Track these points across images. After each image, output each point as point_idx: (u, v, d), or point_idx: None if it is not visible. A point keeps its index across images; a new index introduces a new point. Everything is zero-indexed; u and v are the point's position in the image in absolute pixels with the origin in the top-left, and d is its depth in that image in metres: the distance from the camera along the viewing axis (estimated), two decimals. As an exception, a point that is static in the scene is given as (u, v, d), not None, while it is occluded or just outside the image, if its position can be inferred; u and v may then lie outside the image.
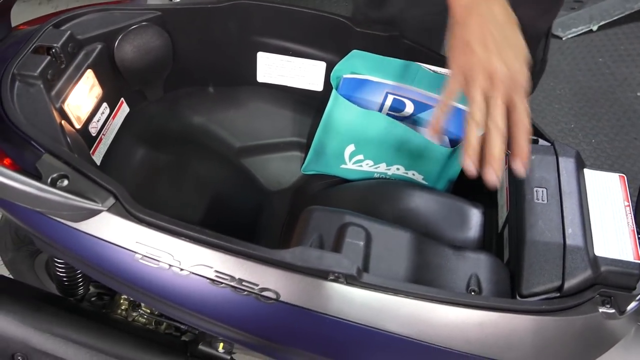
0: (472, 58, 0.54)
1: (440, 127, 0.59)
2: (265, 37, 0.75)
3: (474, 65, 0.54)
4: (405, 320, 0.49)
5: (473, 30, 0.55)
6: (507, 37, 0.54)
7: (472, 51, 0.54)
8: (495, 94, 0.53)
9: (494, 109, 0.53)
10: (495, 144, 0.52)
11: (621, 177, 0.60)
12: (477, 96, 0.54)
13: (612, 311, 0.51)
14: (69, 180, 0.50)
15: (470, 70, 0.54)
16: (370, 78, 0.73)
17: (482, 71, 0.53)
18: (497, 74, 0.52)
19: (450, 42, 0.58)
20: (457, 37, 0.56)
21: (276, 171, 0.83)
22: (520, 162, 0.53)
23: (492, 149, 0.52)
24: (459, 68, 0.56)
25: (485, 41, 0.54)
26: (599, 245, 0.54)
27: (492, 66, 0.53)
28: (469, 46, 0.54)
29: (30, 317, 0.66)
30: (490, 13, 0.54)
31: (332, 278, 0.48)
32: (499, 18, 0.55)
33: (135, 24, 0.67)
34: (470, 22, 0.55)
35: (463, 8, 0.56)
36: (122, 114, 0.72)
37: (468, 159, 0.53)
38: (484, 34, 0.54)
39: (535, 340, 0.50)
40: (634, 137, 1.58)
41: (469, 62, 0.54)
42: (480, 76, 0.53)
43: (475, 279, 0.56)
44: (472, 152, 0.53)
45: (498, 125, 0.52)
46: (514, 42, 0.54)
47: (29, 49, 0.59)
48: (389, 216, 0.64)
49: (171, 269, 0.49)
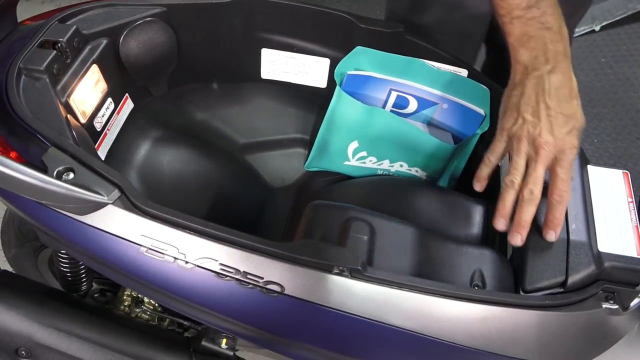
0: (521, 124, 0.54)
1: (485, 183, 0.60)
2: (270, 34, 0.75)
3: (522, 132, 0.54)
4: (409, 314, 0.49)
5: (527, 96, 0.54)
6: (561, 107, 0.53)
7: (522, 117, 0.54)
8: (537, 163, 0.53)
9: (533, 177, 0.54)
10: (527, 211, 0.54)
11: (624, 174, 0.61)
12: (520, 161, 0.54)
13: (615, 307, 0.51)
14: (75, 174, 0.50)
15: (517, 135, 0.55)
16: (374, 75, 0.73)
17: (528, 138, 0.54)
18: (542, 145, 0.53)
19: (503, 101, 0.58)
20: (511, 99, 0.56)
21: (280, 168, 0.83)
22: (552, 232, 0.53)
23: (522, 215, 0.54)
24: (507, 130, 0.56)
25: (538, 109, 0.53)
26: (602, 241, 0.54)
27: (539, 136, 0.53)
28: (520, 111, 0.55)
29: (34, 312, 0.66)
30: (549, 80, 0.54)
31: (336, 271, 0.48)
32: (557, 86, 0.54)
33: (141, 20, 0.67)
34: (526, 86, 0.55)
35: (523, 68, 0.55)
36: (127, 110, 0.72)
37: (501, 219, 0.56)
38: (538, 101, 0.54)
39: (539, 335, 0.50)
40: (636, 136, 1.58)
41: (517, 126, 0.55)
42: (525, 143, 0.54)
43: (479, 274, 0.56)
44: (505, 213, 0.55)
45: (533, 193, 0.53)
46: (568, 113, 0.54)
47: (34, 44, 0.59)
48: (392, 213, 0.64)
49: (176, 262, 0.49)
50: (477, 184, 0.60)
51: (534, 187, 0.53)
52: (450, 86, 0.72)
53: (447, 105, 0.74)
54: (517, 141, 0.55)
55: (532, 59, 0.54)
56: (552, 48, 0.54)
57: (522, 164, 0.54)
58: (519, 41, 0.55)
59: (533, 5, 0.54)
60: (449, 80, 0.72)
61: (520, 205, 0.54)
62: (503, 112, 0.57)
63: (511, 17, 0.55)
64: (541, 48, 0.54)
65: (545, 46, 0.54)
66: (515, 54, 0.56)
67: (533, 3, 0.54)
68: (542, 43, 0.54)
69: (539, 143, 0.53)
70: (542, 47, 0.54)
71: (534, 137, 0.53)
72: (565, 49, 0.54)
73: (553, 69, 0.54)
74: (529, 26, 0.54)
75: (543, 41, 0.54)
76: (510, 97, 0.56)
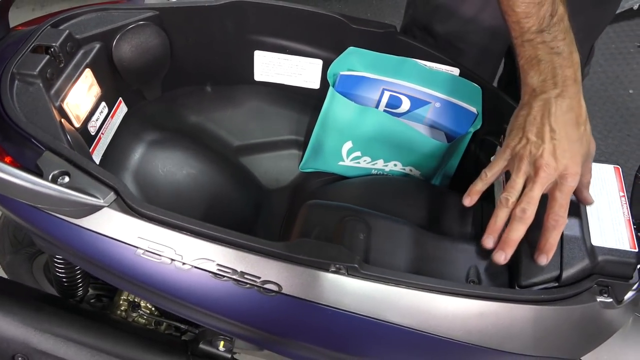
0: (525, 144, 0.54)
1: (476, 198, 0.59)
2: (262, 36, 0.76)
3: (524, 151, 0.54)
4: (406, 311, 0.49)
5: (533, 117, 0.54)
6: (567, 132, 0.53)
7: (527, 137, 0.54)
8: (535, 184, 0.53)
9: (528, 197, 0.53)
10: (516, 229, 0.53)
11: (616, 169, 0.61)
12: (518, 180, 0.54)
13: (609, 300, 0.52)
14: (70, 177, 0.50)
15: (519, 154, 0.54)
16: (367, 75, 0.73)
17: (530, 158, 0.53)
18: (543, 166, 0.52)
19: (511, 121, 0.58)
20: (518, 118, 0.56)
21: (274, 169, 0.83)
22: (544, 256, 0.53)
23: (511, 233, 0.53)
24: (510, 148, 0.56)
25: (542, 131, 0.53)
26: (595, 235, 0.54)
27: (540, 157, 0.53)
28: (525, 131, 0.54)
29: (31, 318, 0.65)
30: (555, 103, 0.53)
31: (333, 269, 0.49)
32: (564, 110, 0.53)
33: (133, 23, 0.67)
34: (533, 107, 0.54)
35: (531, 90, 0.55)
36: (121, 113, 0.72)
37: (490, 236, 0.55)
38: (543, 123, 0.53)
39: (535, 330, 0.50)
40: (627, 134, 1.60)
41: (520, 146, 0.54)
42: (526, 162, 0.54)
43: (474, 271, 0.56)
44: (495, 230, 0.55)
45: (526, 213, 0.53)
46: (573, 138, 0.53)
47: (27, 48, 0.59)
48: (387, 212, 0.64)
49: (173, 263, 0.49)
50: (467, 199, 0.59)
51: (528, 206, 0.53)
52: (442, 85, 0.73)
53: (439, 104, 0.74)
54: (518, 160, 0.54)
55: (541, 82, 0.54)
56: (561, 73, 0.54)
57: (519, 182, 0.54)
58: (529, 64, 0.55)
59: (545, 29, 0.54)
60: (441, 79, 0.73)
61: (511, 223, 0.54)
62: (509, 131, 0.57)
63: (522, 39, 0.55)
64: (550, 72, 0.54)
65: (555, 70, 0.54)
66: (525, 76, 0.56)
67: (545, 27, 0.54)
68: (551, 67, 0.54)
69: (540, 164, 0.52)
70: (551, 71, 0.54)
71: (535, 158, 0.53)
72: (575, 74, 0.54)
73: (561, 93, 0.53)
74: (539, 50, 0.54)
75: (552, 65, 0.54)
76: (518, 117, 0.56)
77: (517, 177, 0.54)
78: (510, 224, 0.54)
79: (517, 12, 0.55)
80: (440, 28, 0.86)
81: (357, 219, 0.58)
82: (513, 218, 0.54)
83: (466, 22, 0.83)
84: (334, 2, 2.12)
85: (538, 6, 0.54)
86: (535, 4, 0.54)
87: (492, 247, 0.55)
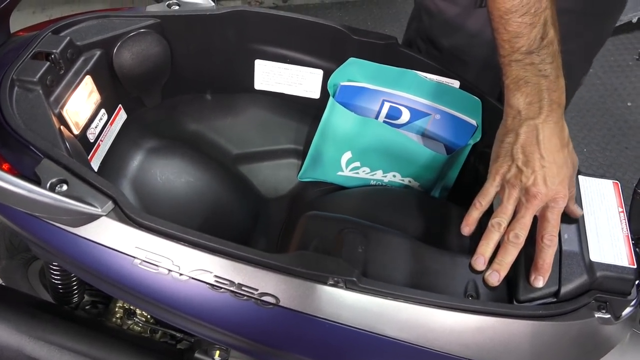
0: (515, 172, 0.55)
1: (474, 227, 0.60)
2: (263, 45, 0.76)
3: (515, 180, 0.55)
4: (404, 325, 0.49)
5: (521, 145, 0.55)
6: (554, 157, 0.54)
7: (517, 165, 0.55)
8: (527, 210, 0.54)
9: (520, 223, 0.54)
10: (510, 253, 0.55)
11: (615, 184, 0.61)
12: (509, 207, 0.55)
13: (607, 316, 0.52)
14: (68, 185, 0.50)
15: (511, 182, 0.55)
16: (367, 86, 0.74)
17: (521, 187, 0.55)
18: (535, 194, 0.54)
19: (495, 144, 0.58)
20: (504, 145, 0.57)
21: (273, 178, 0.83)
22: (540, 278, 0.53)
23: (505, 257, 0.55)
24: (500, 176, 0.57)
25: (532, 160, 0.54)
26: (594, 250, 0.54)
27: (532, 186, 0.54)
28: (514, 159, 0.55)
29: (25, 325, 0.65)
30: (542, 130, 0.54)
31: (331, 283, 0.48)
32: (549, 136, 0.54)
33: (134, 31, 0.67)
34: (520, 134, 0.55)
35: (516, 112, 0.56)
36: (120, 121, 0.72)
37: (481, 257, 0.56)
38: (532, 151, 0.54)
39: (532, 345, 0.50)
40: (625, 146, 1.60)
41: (511, 174, 0.56)
42: (517, 190, 0.55)
43: (472, 285, 0.56)
44: (487, 252, 0.56)
45: (519, 238, 0.54)
46: (560, 163, 0.54)
47: (28, 55, 0.59)
48: (385, 223, 0.64)
49: (170, 274, 0.49)
50: (465, 228, 0.60)
51: (520, 232, 0.54)
52: (442, 97, 0.73)
53: (439, 116, 0.74)
54: (510, 187, 0.55)
55: (527, 104, 0.55)
56: (547, 96, 0.54)
57: (511, 209, 0.55)
58: (515, 84, 0.56)
59: (534, 51, 0.54)
60: (441, 91, 0.73)
61: (505, 247, 0.55)
62: (496, 156, 0.58)
63: (511, 59, 0.56)
64: (537, 95, 0.54)
65: (541, 94, 0.54)
66: (510, 96, 0.56)
67: (534, 49, 0.54)
68: (537, 90, 0.54)
69: (533, 193, 0.54)
70: (537, 94, 0.54)
71: (527, 187, 0.54)
72: (560, 98, 0.55)
73: (546, 119, 0.54)
74: (526, 71, 0.55)
75: (539, 88, 0.54)
76: (504, 142, 0.57)
77: (509, 203, 0.55)
78: (504, 248, 0.55)
79: (509, 31, 0.55)
80: (446, 41, 0.87)
81: (356, 231, 0.58)
82: (506, 242, 0.55)
83: (471, 36, 0.84)
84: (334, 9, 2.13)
85: (530, 27, 0.54)
86: (527, 25, 0.54)
87: (482, 269, 0.56)
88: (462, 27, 0.84)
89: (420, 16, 0.91)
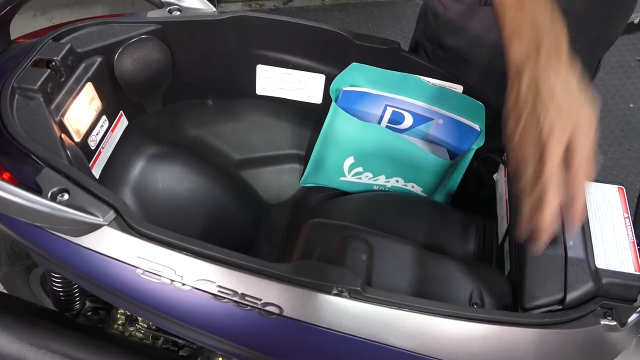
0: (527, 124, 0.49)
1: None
2: (265, 50, 0.75)
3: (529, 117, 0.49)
4: (409, 334, 0.48)
5: (528, 83, 0.50)
6: (569, 87, 0.49)
7: (525, 102, 0.50)
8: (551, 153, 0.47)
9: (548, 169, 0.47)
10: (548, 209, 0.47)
11: (620, 189, 0.61)
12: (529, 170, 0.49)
13: (613, 323, 0.51)
14: (70, 195, 0.49)
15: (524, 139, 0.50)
16: (370, 90, 0.73)
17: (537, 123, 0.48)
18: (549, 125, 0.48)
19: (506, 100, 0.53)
20: (512, 92, 0.52)
21: (275, 184, 0.83)
22: (576, 216, 0.48)
23: (544, 218, 0.48)
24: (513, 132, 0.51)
25: (539, 101, 0.49)
26: (600, 257, 0.54)
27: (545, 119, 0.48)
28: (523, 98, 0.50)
29: (26, 333, 0.65)
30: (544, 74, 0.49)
31: (335, 292, 0.48)
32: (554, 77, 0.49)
33: (135, 37, 0.67)
34: (524, 76, 0.50)
35: (517, 66, 0.51)
36: (121, 127, 0.72)
37: (523, 230, 0.50)
38: (539, 86, 0.49)
39: (538, 353, 0.50)
40: (627, 148, 1.60)
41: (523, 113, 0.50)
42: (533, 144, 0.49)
43: (477, 292, 0.56)
44: (526, 223, 0.50)
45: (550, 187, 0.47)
46: (574, 92, 0.50)
47: (28, 62, 0.59)
48: (388, 228, 0.63)
49: (173, 284, 0.48)
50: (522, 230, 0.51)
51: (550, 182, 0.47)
52: (445, 102, 0.73)
53: (442, 121, 0.74)
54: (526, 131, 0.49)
55: (525, 52, 0.51)
56: (546, 42, 0.50)
57: (530, 172, 0.49)
58: (513, 33, 0.52)
59: None
60: (444, 95, 0.73)
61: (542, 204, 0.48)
62: (507, 106, 0.53)
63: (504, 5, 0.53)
64: (534, 39, 0.51)
65: (538, 38, 0.51)
66: (509, 48, 0.53)
67: None
68: (535, 33, 0.51)
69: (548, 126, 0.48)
70: (533, 39, 0.51)
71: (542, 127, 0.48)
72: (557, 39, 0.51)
73: (548, 61, 0.50)
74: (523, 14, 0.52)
75: (537, 32, 0.51)
76: (511, 92, 0.52)
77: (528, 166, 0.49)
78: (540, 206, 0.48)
79: None
80: (451, 40, 0.86)
81: (359, 239, 0.58)
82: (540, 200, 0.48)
83: (475, 37, 0.83)
84: (335, 11, 2.13)
85: None
86: None
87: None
88: (467, 26, 0.83)
89: (427, 17, 0.91)
